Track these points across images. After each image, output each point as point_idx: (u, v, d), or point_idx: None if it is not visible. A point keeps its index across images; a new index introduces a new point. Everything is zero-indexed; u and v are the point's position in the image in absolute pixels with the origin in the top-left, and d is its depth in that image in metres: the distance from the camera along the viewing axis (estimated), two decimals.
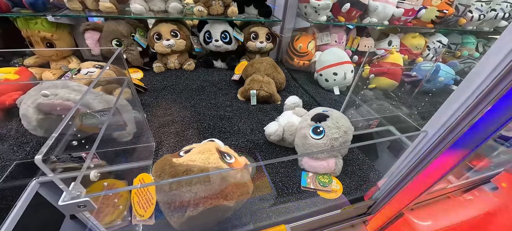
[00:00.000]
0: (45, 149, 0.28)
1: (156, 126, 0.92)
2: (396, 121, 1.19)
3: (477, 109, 0.46)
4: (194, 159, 0.47)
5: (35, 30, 1.06)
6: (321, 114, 0.76)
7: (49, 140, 0.30)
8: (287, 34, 1.54)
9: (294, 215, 0.63)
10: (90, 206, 0.32)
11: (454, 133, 0.51)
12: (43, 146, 0.28)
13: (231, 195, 0.47)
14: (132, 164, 0.74)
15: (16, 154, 0.75)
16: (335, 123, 0.72)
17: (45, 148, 0.28)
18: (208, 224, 0.50)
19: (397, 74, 1.33)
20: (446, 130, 0.52)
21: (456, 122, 0.50)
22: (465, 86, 0.47)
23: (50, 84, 0.69)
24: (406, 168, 0.63)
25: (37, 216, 0.75)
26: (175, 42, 1.24)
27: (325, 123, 0.73)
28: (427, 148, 0.56)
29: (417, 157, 0.59)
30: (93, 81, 0.44)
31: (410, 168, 0.62)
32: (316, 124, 0.74)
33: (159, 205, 0.47)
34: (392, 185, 0.68)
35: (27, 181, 0.72)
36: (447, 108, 0.51)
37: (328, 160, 0.72)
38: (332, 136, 0.70)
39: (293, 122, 0.79)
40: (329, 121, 0.73)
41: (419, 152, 0.58)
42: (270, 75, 1.15)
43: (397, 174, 0.66)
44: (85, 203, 0.31)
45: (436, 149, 0.55)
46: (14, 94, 0.86)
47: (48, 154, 0.73)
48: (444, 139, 0.53)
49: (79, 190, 0.32)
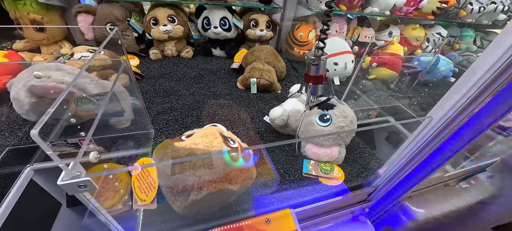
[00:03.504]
0: (40, 125, 0.26)
1: (154, 113, 0.90)
2: (396, 112, 1.19)
3: (479, 98, 0.46)
4: (197, 142, 0.46)
5: (24, 11, 1.00)
6: (328, 103, 0.76)
7: (44, 115, 0.28)
8: (288, 22, 1.51)
9: (296, 201, 0.63)
10: (91, 186, 0.31)
11: (457, 120, 0.51)
12: (38, 122, 0.26)
13: (235, 179, 0.46)
14: (131, 151, 0.72)
15: (8, 140, 0.73)
16: (342, 112, 0.73)
17: (39, 124, 0.26)
18: (211, 209, 0.49)
19: (398, 65, 1.33)
20: (449, 117, 0.51)
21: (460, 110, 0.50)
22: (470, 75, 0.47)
23: (43, 66, 0.66)
24: (408, 155, 0.63)
25: (32, 204, 0.73)
26: (172, 28, 1.20)
27: (332, 111, 0.73)
28: (431, 135, 0.56)
29: (420, 144, 0.59)
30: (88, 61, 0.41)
31: (412, 155, 0.62)
32: (323, 111, 0.74)
33: (161, 190, 0.46)
34: (393, 172, 0.69)
35: (21, 168, 0.70)
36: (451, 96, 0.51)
37: (332, 148, 0.72)
38: (338, 124, 0.71)
39: (299, 109, 0.79)
40: (336, 109, 0.74)
41: (422, 139, 0.58)
42: (270, 63, 1.13)
43: (398, 162, 0.66)
44: (85, 182, 0.30)
45: (439, 136, 0.55)
46: (4, 78, 0.82)
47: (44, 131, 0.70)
48: (447, 127, 0.53)
49: (79, 170, 0.31)
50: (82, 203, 0.38)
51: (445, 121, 0.52)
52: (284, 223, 0.47)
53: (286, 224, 0.47)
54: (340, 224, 0.71)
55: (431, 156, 0.60)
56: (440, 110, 0.53)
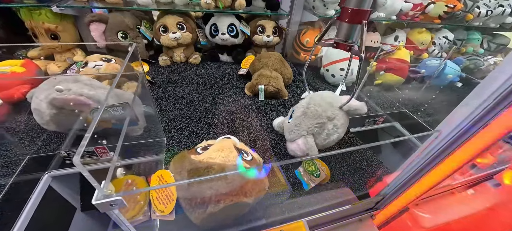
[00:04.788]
0: (81, 149, 0.28)
1: (166, 121, 0.92)
2: (402, 117, 1.20)
3: (493, 111, 0.47)
4: (214, 157, 0.48)
5: (39, 21, 1.03)
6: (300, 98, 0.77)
7: (83, 140, 0.30)
8: (294, 28, 1.52)
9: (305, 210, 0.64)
10: (122, 204, 0.33)
11: (467, 133, 0.52)
12: (80, 146, 0.28)
13: (250, 192, 0.48)
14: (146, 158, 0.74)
15: (28, 148, 0.76)
16: (305, 102, 0.70)
17: (81, 148, 0.28)
18: (228, 220, 0.51)
19: (404, 70, 1.33)
20: (460, 131, 0.52)
21: (471, 123, 0.50)
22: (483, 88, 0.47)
23: (61, 79, 0.69)
24: (417, 166, 0.64)
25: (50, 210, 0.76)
26: (181, 35, 1.22)
27: (299, 103, 0.73)
28: (440, 147, 0.57)
29: (429, 156, 0.60)
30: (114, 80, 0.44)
31: (421, 166, 0.63)
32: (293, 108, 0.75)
33: (179, 201, 0.48)
34: (401, 182, 0.70)
35: (39, 175, 0.73)
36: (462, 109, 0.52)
37: (297, 140, 0.71)
38: (296, 114, 0.70)
39: None
40: (304, 100, 0.72)
41: (431, 151, 0.59)
42: (278, 70, 1.15)
43: (407, 172, 0.67)
44: (117, 201, 0.32)
45: (449, 149, 0.56)
46: (22, 87, 0.85)
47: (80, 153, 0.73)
48: (457, 140, 0.54)
49: (110, 188, 0.33)
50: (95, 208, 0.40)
51: (456, 133, 0.53)
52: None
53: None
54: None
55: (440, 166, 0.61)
56: (451, 122, 0.54)
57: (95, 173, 0.33)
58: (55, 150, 0.77)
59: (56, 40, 1.11)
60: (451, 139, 0.54)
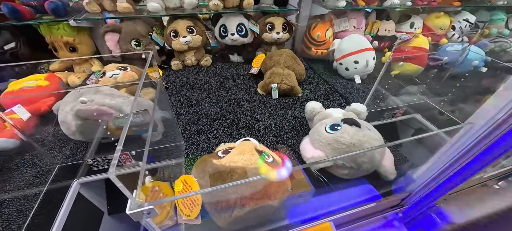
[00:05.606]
0: (115, 161, 0.29)
1: (182, 124, 0.94)
2: (424, 109, 1.14)
3: None
4: (236, 160, 0.48)
5: (58, 35, 1.08)
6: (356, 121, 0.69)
7: (115, 152, 0.31)
8: (303, 22, 1.49)
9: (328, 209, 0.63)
10: (154, 212, 0.33)
11: (503, 126, 0.48)
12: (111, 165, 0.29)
13: (275, 195, 0.47)
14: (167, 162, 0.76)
15: (57, 158, 0.80)
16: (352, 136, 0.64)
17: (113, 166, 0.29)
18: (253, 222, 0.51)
19: (423, 58, 1.27)
20: (494, 123, 0.49)
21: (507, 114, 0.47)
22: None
23: (84, 90, 0.72)
24: (446, 161, 0.61)
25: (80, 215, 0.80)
26: (191, 38, 1.23)
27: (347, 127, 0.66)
28: (472, 141, 0.54)
29: (460, 150, 0.57)
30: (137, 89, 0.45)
31: (451, 161, 0.60)
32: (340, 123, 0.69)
33: (205, 206, 0.49)
34: (429, 178, 0.67)
35: (69, 182, 0.77)
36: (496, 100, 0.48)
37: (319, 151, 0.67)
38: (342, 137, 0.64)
39: (332, 114, 0.78)
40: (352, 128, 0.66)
41: (462, 145, 0.56)
42: (290, 67, 1.13)
43: (435, 167, 0.64)
44: (150, 210, 0.33)
45: (482, 142, 0.53)
46: (48, 100, 0.89)
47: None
48: (491, 133, 0.50)
49: (141, 198, 0.34)
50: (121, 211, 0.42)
51: (490, 125, 0.49)
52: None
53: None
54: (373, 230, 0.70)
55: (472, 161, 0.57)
56: (484, 113, 0.50)
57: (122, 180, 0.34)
58: (82, 158, 0.81)
59: (75, 52, 1.16)
60: (485, 132, 0.50)
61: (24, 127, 0.84)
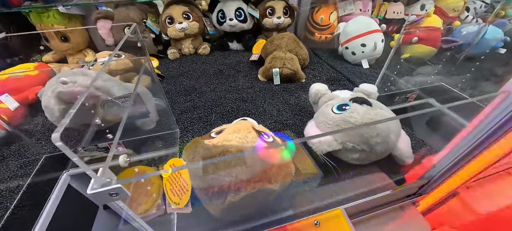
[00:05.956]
0: (61, 128, 0.23)
1: (178, 113, 0.88)
2: (438, 93, 1.05)
3: None
4: (230, 139, 0.41)
5: (49, 23, 1.03)
6: (367, 99, 0.62)
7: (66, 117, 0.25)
8: (305, 6, 1.41)
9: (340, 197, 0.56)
10: (123, 193, 0.27)
11: None
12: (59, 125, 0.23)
13: (275, 177, 0.41)
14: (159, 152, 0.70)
15: (45, 148, 0.75)
16: (363, 115, 0.56)
17: (61, 127, 0.23)
18: (251, 210, 0.45)
19: (436, 39, 1.17)
20: None
21: None
22: None
23: (69, 72, 0.66)
24: (472, 141, 0.53)
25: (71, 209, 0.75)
26: (188, 24, 1.17)
27: (357, 106, 0.59)
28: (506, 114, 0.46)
29: (490, 126, 0.49)
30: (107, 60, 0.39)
31: (478, 141, 0.52)
32: (349, 102, 0.61)
33: (195, 192, 0.43)
34: (451, 162, 0.59)
35: (58, 174, 0.71)
36: None
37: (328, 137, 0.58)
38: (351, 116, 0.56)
39: (339, 95, 0.70)
40: (362, 107, 0.59)
41: (495, 119, 0.48)
42: (292, 51, 1.06)
43: (458, 150, 0.56)
44: (117, 190, 0.26)
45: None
46: (35, 89, 0.84)
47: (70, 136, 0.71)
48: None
49: (109, 177, 0.27)
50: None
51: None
52: (336, 225, 0.41)
53: (339, 226, 0.41)
54: (390, 219, 0.63)
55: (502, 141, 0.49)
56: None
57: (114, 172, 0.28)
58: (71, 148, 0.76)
59: (67, 42, 1.11)
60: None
61: (12, 117, 0.79)
